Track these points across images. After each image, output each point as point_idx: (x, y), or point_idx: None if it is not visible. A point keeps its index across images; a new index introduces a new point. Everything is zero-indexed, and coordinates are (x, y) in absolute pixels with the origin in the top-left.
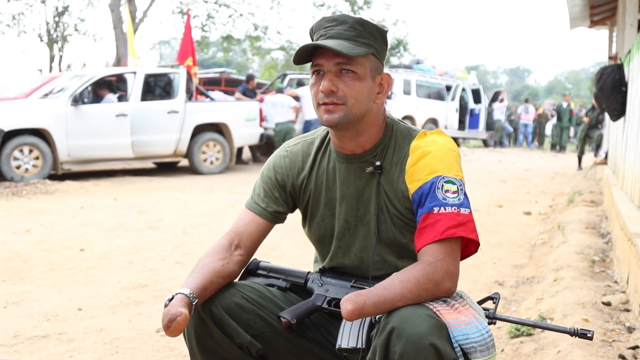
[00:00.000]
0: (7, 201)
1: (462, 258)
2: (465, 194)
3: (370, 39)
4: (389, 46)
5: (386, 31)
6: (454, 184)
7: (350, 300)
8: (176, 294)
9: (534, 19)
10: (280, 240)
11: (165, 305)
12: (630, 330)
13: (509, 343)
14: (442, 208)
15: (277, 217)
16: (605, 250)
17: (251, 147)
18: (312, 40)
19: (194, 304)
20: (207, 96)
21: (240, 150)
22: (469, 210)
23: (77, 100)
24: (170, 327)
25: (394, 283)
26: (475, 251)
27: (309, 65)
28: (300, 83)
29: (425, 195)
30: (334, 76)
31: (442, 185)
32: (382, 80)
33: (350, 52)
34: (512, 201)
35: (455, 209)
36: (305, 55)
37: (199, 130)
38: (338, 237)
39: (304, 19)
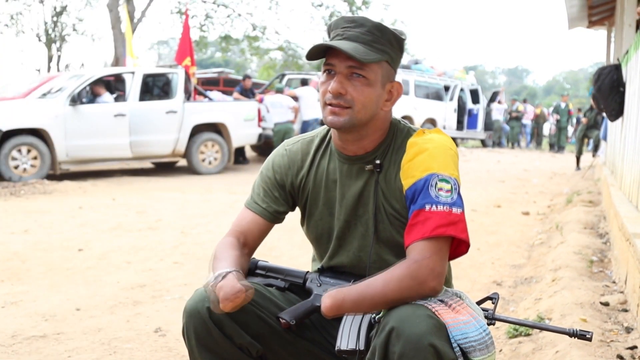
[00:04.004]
0: (5, 201)
1: (452, 258)
2: (459, 194)
3: (387, 46)
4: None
5: (404, 39)
6: (448, 182)
7: (330, 295)
8: (225, 272)
9: (532, 19)
10: (279, 239)
11: (209, 285)
12: (628, 330)
13: (507, 343)
14: (434, 206)
15: (277, 217)
16: (604, 251)
17: (239, 149)
18: (329, 37)
19: None
20: (205, 96)
21: (242, 149)
22: (461, 210)
23: (76, 100)
24: (238, 298)
25: (376, 281)
26: (466, 252)
27: (307, 65)
28: (304, 82)
29: (418, 192)
30: (344, 78)
31: (436, 183)
32: (392, 88)
33: (364, 58)
34: (511, 201)
35: (447, 208)
36: (319, 52)
37: (198, 130)
38: (337, 237)
39: (302, 19)
